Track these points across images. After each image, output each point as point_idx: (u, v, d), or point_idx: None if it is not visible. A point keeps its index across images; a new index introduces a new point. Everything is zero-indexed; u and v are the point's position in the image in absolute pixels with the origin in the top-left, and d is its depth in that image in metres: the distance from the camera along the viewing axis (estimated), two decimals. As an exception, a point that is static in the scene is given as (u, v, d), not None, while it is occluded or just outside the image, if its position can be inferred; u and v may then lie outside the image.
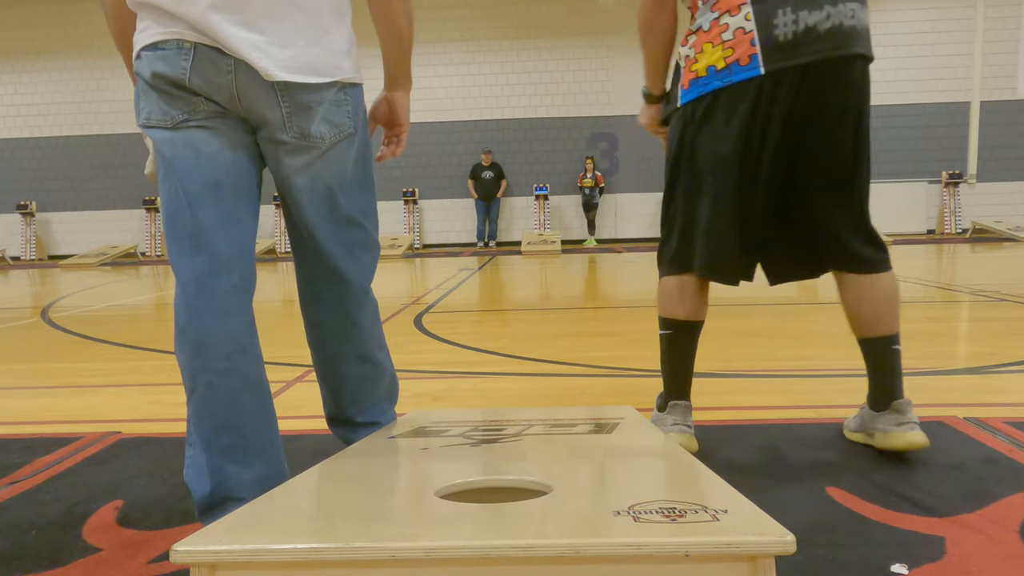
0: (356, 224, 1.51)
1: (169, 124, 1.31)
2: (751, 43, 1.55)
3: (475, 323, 4.33)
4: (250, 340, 1.36)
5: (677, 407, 1.82)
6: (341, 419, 1.68)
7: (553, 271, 8.00)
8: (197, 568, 0.86)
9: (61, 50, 13.61)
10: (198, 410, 1.33)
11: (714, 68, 1.60)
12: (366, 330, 1.60)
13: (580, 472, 1.16)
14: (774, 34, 1.53)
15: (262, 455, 1.36)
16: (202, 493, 1.33)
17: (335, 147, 1.40)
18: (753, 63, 1.55)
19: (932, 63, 12.80)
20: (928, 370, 2.67)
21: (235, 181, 1.35)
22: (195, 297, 1.32)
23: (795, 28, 1.52)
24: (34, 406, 2.58)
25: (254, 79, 1.28)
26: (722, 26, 1.58)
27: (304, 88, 1.31)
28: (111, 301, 6.10)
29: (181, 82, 1.27)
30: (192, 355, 1.32)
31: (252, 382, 1.35)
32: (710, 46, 1.61)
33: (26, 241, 13.65)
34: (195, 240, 1.32)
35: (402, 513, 1.00)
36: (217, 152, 1.33)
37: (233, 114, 1.33)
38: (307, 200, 1.43)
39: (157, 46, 1.27)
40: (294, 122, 1.33)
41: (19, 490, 1.68)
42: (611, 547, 0.83)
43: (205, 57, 1.26)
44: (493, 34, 13.30)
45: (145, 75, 1.30)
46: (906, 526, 1.35)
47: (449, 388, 2.64)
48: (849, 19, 1.55)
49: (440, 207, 13.75)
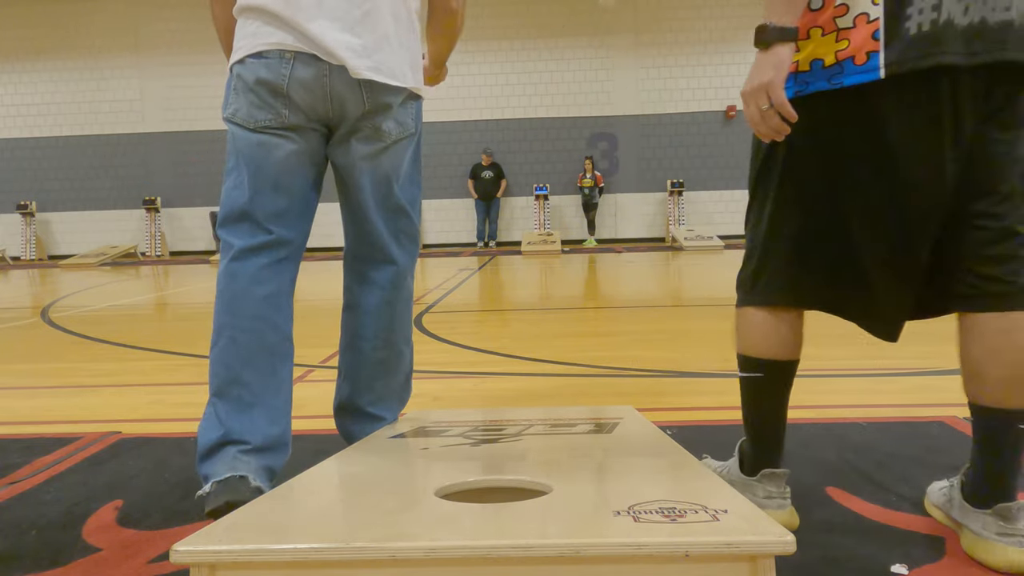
0: (405, 213, 1.69)
1: (251, 126, 1.51)
2: (873, 35, 1.17)
3: (475, 323, 4.33)
4: (275, 312, 1.51)
5: (774, 477, 1.40)
6: (352, 406, 1.73)
7: (553, 271, 8.00)
8: (197, 568, 0.86)
9: (61, 50, 13.60)
10: (216, 360, 1.48)
11: (820, 64, 1.23)
12: (397, 315, 1.73)
13: (580, 472, 1.16)
14: (904, 26, 1.15)
15: (267, 415, 1.47)
16: (208, 438, 1.44)
17: (398, 143, 1.62)
18: (872, 62, 1.17)
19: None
20: (928, 370, 2.67)
21: (290, 184, 1.54)
22: (238, 263, 1.51)
23: (935, 17, 1.14)
24: (34, 406, 2.58)
25: (344, 80, 1.49)
26: (839, 7, 1.20)
27: (384, 89, 1.53)
28: (111, 301, 6.10)
29: (280, 88, 1.47)
30: (223, 310, 1.49)
31: (268, 347, 1.49)
32: (819, 32, 1.22)
33: (26, 241, 13.65)
34: (247, 220, 1.51)
35: (402, 513, 1.00)
36: (284, 158, 1.52)
37: (313, 123, 1.53)
38: (368, 184, 1.62)
39: (261, 55, 1.47)
40: (371, 117, 1.55)
41: (19, 490, 1.68)
42: (611, 547, 0.83)
43: (303, 63, 1.47)
44: (493, 34, 13.30)
45: (248, 79, 1.49)
46: (906, 526, 1.35)
47: (449, 388, 2.64)
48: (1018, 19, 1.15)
49: (440, 207, 13.75)
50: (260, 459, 1.43)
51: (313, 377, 2.86)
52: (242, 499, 1.31)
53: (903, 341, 1.42)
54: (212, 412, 1.46)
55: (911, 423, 1.98)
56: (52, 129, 13.85)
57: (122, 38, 13.53)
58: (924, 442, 1.81)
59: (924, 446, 1.78)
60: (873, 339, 1.44)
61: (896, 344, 1.45)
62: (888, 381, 2.53)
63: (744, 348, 1.43)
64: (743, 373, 1.44)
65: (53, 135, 13.85)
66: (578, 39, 13.28)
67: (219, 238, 1.57)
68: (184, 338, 4.00)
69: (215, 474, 1.39)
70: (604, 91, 13.38)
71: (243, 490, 1.35)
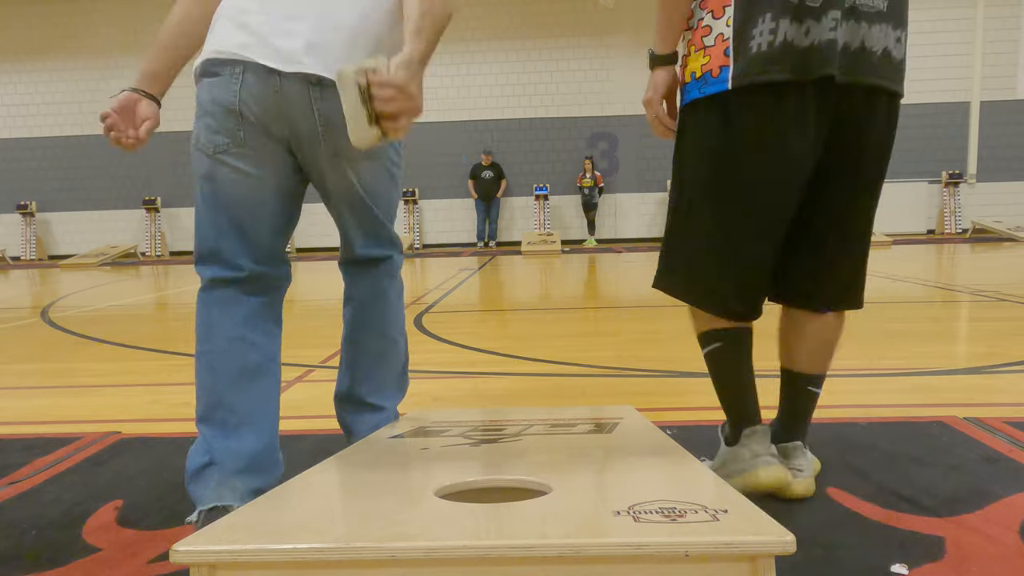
0: (380, 224, 1.68)
1: (210, 152, 1.44)
2: (724, 52, 1.36)
3: (475, 323, 4.33)
4: (252, 331, 1.49)
5: (753, 435, 1.49)
6: (352, 397, 1.75)
7: (553, 271, 8.00)
8: (197, 568, 0.86)
9: (61, 50, 13.60)
10: (199, 386, 1.47)
11: (694, 76, 1.42)
12: (389, 305, 1.75)
13: (580, 472, 1.15)
14: (748, 45, 1.33)
15: (253, 433, 1.46)
16: (193, 464, 1.44)
17: (367, 162, 1.55)
18: (723, 76, 1.36)
19: (932, 63, 12.79)
20: (928, 370, 2.67)
21: (255, 216, 1.49)
22: (207, 293, 1.50)
23: (771, 39, 1.31)
24: (34, 406, 2.58)
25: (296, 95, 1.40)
26: (705, 28, 1.39)
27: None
28: (111, 301, 6.10)
29: (232, 107, 1.40)
30: (201, 340, 1.48)
31: (248, 368, 1.47)
32: (693, 48, 1.43)
33: (26, 241, 13.65)
34: (217, 260, 1.48)
35: (402, 513, 1.00)
36: (246, 194, 1.46)
37: (275, 140, 1.45)
38: (347, 209, 1.61)
39: (214, 73, 1.40)
40: (331, 136, 1.45)
41: (19, 490, 1.68)
42: (611, 547, 0.83)
43: (253, 75, 1.38)
44: (493, 34, 13.30)
45: (203, 101, 1.43)
46: (906, 526, 1.35)
47: (449, 388, 2.64)
48: (867, 40, 1.32)
49: (440, 207, 13.75)
50: (248, 481, 1.41)
51: (313, 377, 2.86)
52: None
53: (903, 341, 1.42)
54: (201, 437, 1.46)
55: (911, 423, 1.98)
56: (52, 129, 13.85)
57: (122, 38, 13.52)
58: (924, 442, 1.81)
59: (924, 446, 1.78)
60: (873, 339, 1.44)
61: (896, 344, 1.45)
62: (888, 381, 2.53)
63: (699, 326, 1.57)
64: (704, 348, 1.57)
65: (53, 135, 13.85)
66: (578, 39, 13.28)
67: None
68: (184, 338, 3.99)
69: (201, 500, 1.39)
70: (604, 91, 13.37)
71: None
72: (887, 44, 1.34)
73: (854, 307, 1.54)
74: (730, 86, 1.35)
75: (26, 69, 13.70)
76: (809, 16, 1.30)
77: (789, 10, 1.30)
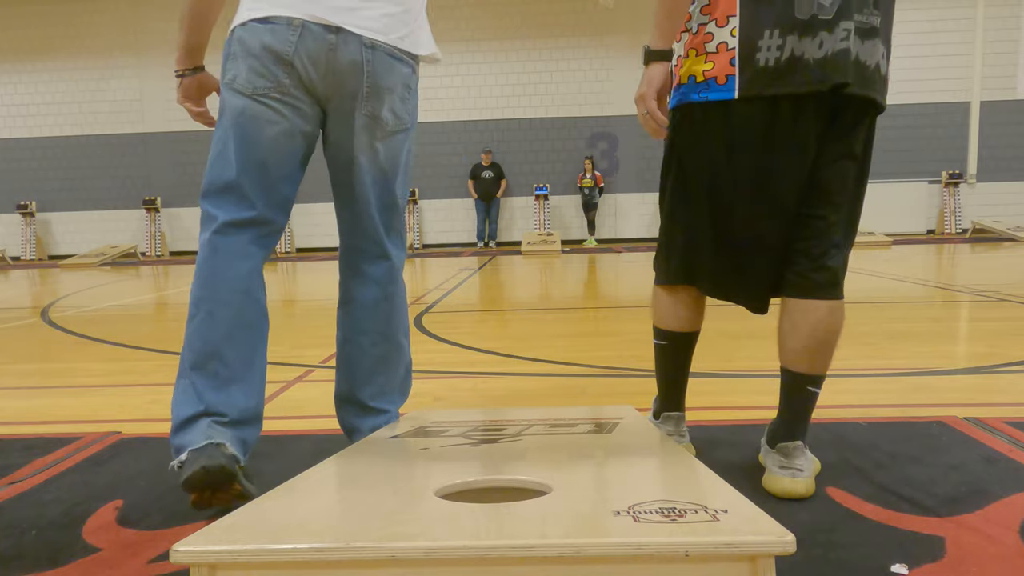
0: (397, 210, 1.71)
1: (249, 92, 1.47)
2: (730, 62, 1.42)
3: (475, 323, 4.33)
4: (254, 285, 1.51)
5: (670, 419, 1.77)
6: (353, 399, 1.73)
7: (553, 271, 8.00)
8: (197, 568, 0.86)
9: (61, 50, 13.60)
10: (193, 334, 1.47)
11: (694, 79, 1.48)
12: (396, 309, 1.73)
13: (580, 472, 1.16)
14: (755, 57, 1.39)
15: (243, 390, 1.47)
16: (182, 413, 1.44)
17: (395, 136, 1.62)
18: (729, 84, 1.43)
19: (932, 63, 12.80)
20: (928, 370, 2.67)
21: (278, 161, 1.52)
22: (217, 237, 1.49)
23: (779, 55, 1.38)
24: (34, 406, 2.58)
25: (349, 55, 1.49)
26: (707, 35, 1.45)
27: (388, 69, 1.54)
28: (111, 301, 6.10)
29: (285, 56, 1.45)
30: (202, 285, 1.48)
31: (247, 322, 1.49)
32: (694, 53, 1.48)
33: (26, 241, 13.65)
34: (233, 193, 1.49)
35: (402, 513, 1.00)
36: (276, 136, 1.50)
37: (311, 99, 1.52)
38: (368, 178, 1.62)
39: (268, 20, 1.45)
40: (370, 102, 1.54)
41: (19, 490, 1.68)
42: (611, 547, 0.83)
43: (311, 33, 1.45)
44: (493, 34, 13.30)
45: (251, 44, 1.46)
46: (906, 526, 1.35)
47: (449, 388, 2.64)
48: (861, 53, 1.39)
49: (440, 207, 13.75)
50: (236, 431, 1.44)
51: (313, 377, 2.86)
52: (216, 463, 1.33)
53: (903, 341, 1.42)
54: (189, 385, 1.46)
55: (911, 423, 1.98)
56: (52, 129, 13.85)
57: (122, 38, 13.52)
58: (924, 442, 1.81)
59: (924, 446, 1.78)
60: (873, 339, 1.44)
61: (896, 344, 1.46)
62: (888, 381, 2.53)
63: (654, 320, 1.74)
64: (654, 340, 1.76)
65: (53, 135, 13.85)
66: (578, 39, 13.28)
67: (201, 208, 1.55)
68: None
69: (190, 443, 1.39)
70: (604, 91, 13.38)
71: (218, 456, 1.35)
72: (878, 59, 1.42)
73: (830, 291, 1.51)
74: (736, 95, 1.42)
75: (26, 69, 13.70)
76: (823, 28, 1.35)
77: (798, 26, 1.36)
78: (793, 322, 1.53)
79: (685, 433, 1.79)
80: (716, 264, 1.60)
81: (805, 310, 1.51)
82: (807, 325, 1.51)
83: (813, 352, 1.53)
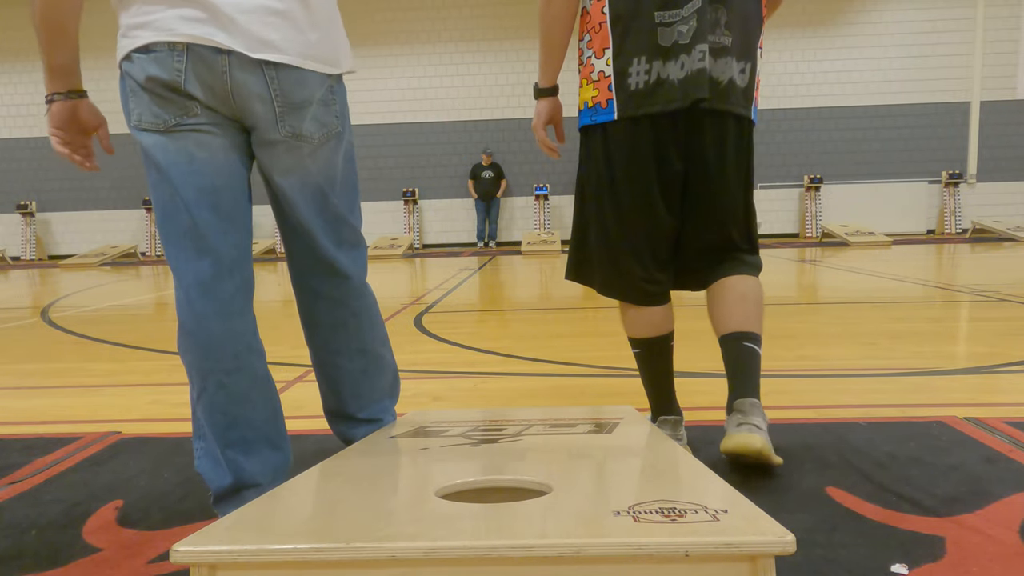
0: (344, 221, 1.54)
1: (162, 128, 1.31)
2: (608, 88, 1.61)
3: (475, 323, 4.33)
4: (254, 338, 1.43)
5: (667, 422, 1.80)
6: (342, 414, 1.69)
7: (553, 271, 8.00)
8: (197, 568, 0.86)
9: (61, 50, 13.59)
10: (209, 407, 1.39)
11: (587, 104, 1.66)
12: (365, 323, 1.63)
13: (580, 472, 1.15)
14: (627, 83, 1.58)
15: (271, 444, 1.43)
16: (221, 484, 1.40)
17: (324, 146, 1.45)
18: (610, 107, 1.61)
19: (932, 63, 12.80)
20: (928, 370, 2.67)
21: (229, 183, 1.36)
22: (200, 300, 1.35)
23: (647, 79, 1.56)
24: (34, 406, 2.58)
25: (247, 75, 1.29)
26: (591, 66, 1.64)
27: (297, 83, 1.34)
28: (111, 301, 6.10)
29: (176, 85, 1.28)
30: (202, 356, 1.37)
31: (259, 378, 1.42)
32: (585, 82, 1.67)
33: (26, 241, 13.65)
34: (197, 244, 1.34)
35: (402, 513, 1.00)
36: (211, 157, 1.34)
37: (227, 117, 1.35)
38: (300, 199, 1.46)
39: (148, 49, 1.27)
40: (286, 120, 1.36)
41: (19, 490, 1.68)
42: (611, 547, 0.83)
43: (197, 56, 1.26)
44: (493, 34, 13.30)
45: (138, 78, 1.29)
46: (906, 526, 1.35)
47: (449, 388, 2.64)
48: (713, 71, 1.55)
49: (440, 207, 13.75)
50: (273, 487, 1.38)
51: (312, 377, 2.86)
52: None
53: (903, 341, 1.42)
54: (216, 454, 1.39)
55: (911, 423, 1.98)
56: (52, 129, 13.84)
57: (122, 38, 13.51)
58: (924, 442, 1.81)
59: (924, 446, 1.78)
60: (873, 339, 1.44)
61: (896, 344, 1.46)
62: (888, 381, 2.53)
63: (626, 331, 1.83)
64: (632, 350, 1.84)
65: (53, 135, 13.84)
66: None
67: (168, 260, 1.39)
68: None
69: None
70: (604, 91, 13.36)
71: None
72: (732, 75, 1.59)
73: (743, 268, 1.72)
74: (616, 116, 1.61)
75: (26, 69, 13.70)
76: (682, 52, 1.54)
77: (662, 52, 1.55)
78: (714, 296, 1.71)
79: (683, 436, 1.81)
80: (628, 268, 1.72)
81: (722, 282, 1.70)
82: (725, 291, 1.69)
83: (736, 306, 1.66)
